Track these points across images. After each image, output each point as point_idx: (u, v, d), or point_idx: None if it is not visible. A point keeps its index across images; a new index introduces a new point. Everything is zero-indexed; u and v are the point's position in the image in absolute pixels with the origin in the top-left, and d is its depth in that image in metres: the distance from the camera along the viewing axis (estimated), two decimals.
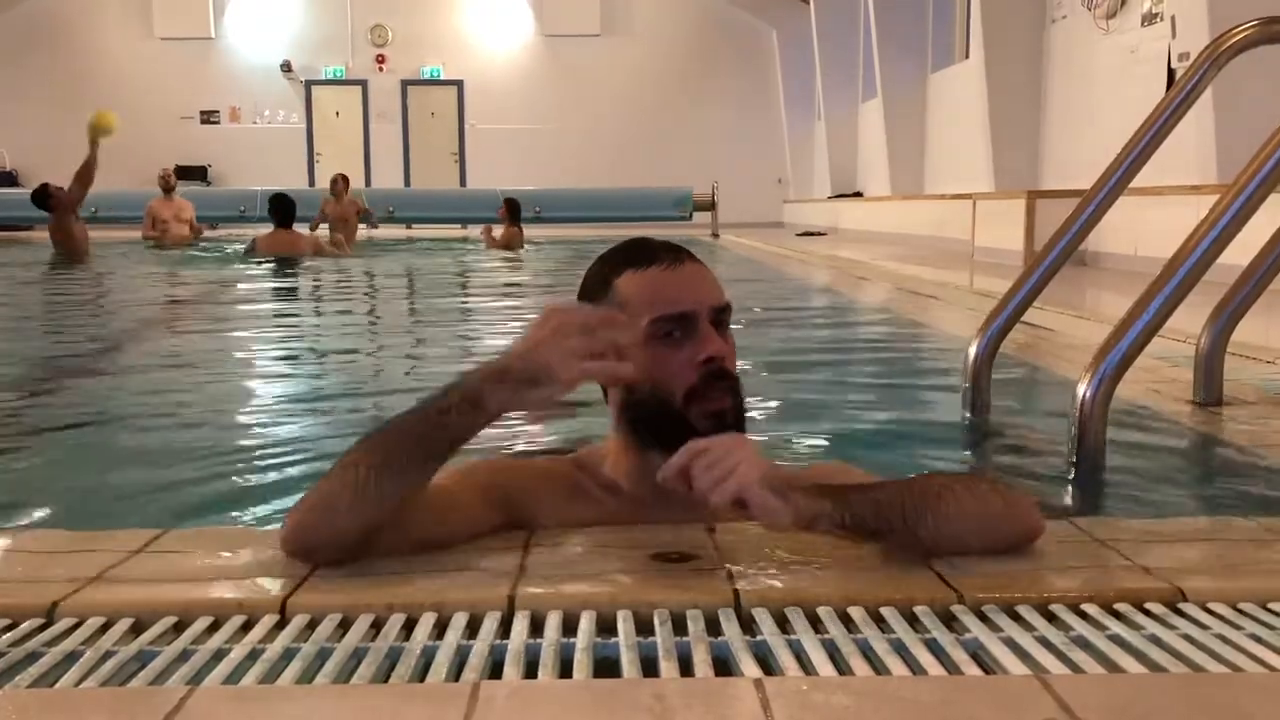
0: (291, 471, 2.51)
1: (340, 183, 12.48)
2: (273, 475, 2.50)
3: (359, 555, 1.35)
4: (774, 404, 3.25)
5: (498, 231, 12.09)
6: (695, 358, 1.45)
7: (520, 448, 2.58)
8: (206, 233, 12.22)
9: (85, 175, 10.17)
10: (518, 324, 5.93)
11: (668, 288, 1.48)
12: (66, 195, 10.09)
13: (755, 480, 1.31)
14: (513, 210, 12.31)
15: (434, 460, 1.36)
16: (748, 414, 1.51)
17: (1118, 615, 1.24)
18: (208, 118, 21.17)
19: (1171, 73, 8.31)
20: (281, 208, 10.38)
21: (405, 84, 21.27)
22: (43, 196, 10.13)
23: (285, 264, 9.73)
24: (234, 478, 2.49)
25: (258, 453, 2.75)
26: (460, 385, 1.35)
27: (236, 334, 5.66)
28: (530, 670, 1.11)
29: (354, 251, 11.40)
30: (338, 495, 1.33)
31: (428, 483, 1.38)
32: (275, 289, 8.33)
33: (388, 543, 1.37)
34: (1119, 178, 2.81)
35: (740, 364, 1.56)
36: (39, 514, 2.17)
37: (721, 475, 1.31)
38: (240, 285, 8.48)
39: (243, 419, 3.24)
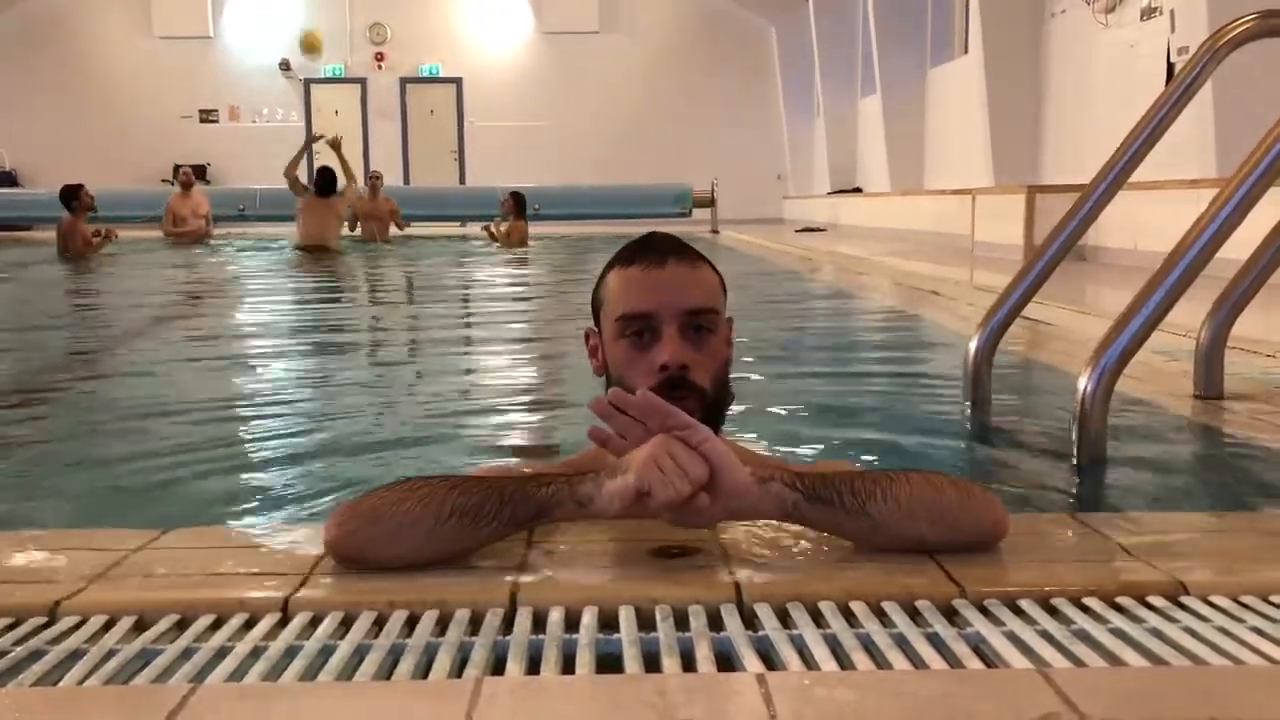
0: (296, 469, 2.52)
1: (376, 180, 13.30)
2: (277, 473, 2.51)
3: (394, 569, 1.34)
4: (773, 400, 3.25)
5: (502, 227, 12.12)
6: (654, 364, 1.47)
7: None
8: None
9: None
10: (525, 322, 5.94)
11: (637, 288, 1.51)
12: (90, 198, 10.86)
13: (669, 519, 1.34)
14: (518, 204, 12.27)
15: (515, 528, 1.36)
16: (723, 418, 1.53)
17: (1119, 609, 1.24)
18: (207, 116, 21.15)
19: (1170, 67, 8.30)
20: (323, 180, 11.12)
21: (404, 82, 21.25)
22: (74, 195, 10.67)
23: (295, 260, 9.86)
24: (236, 475, 2.49)
25: (261, 450, 2.75)
26: (577, 493, 1.33)
27: (240, 331, 5.66)
28: (533, 666, 1.11)
29: (380, 248, 11.98)
30: (411, 526, 1.31)
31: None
32: (280, 287, 8.33)
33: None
34: (1118, 172, 2.81)
35: (740, 361, 1.56)
36: (41, 513, 2.18)
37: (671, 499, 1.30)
38: (246, 283, 8.49)
39: (245, 417, 3.24)
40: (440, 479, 1.36)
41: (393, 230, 13.28)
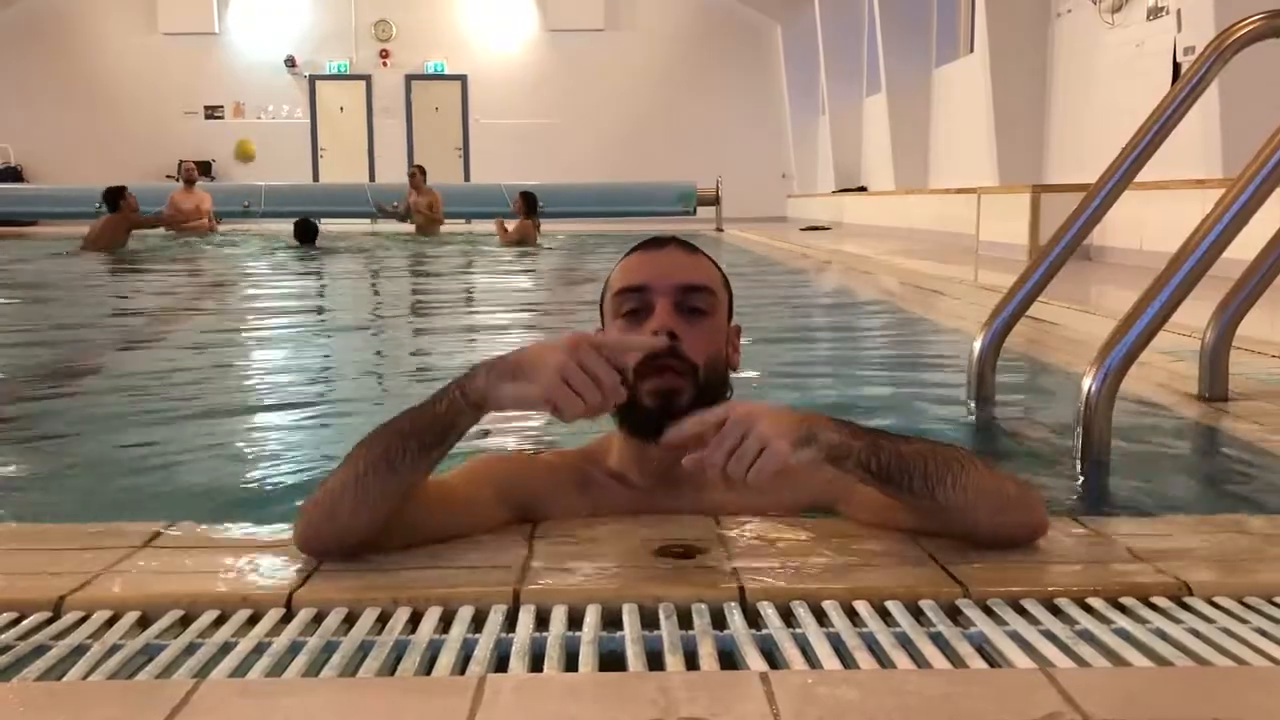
0: (298, 465, 2.52)
1: (418, 174, 13.85)
2: (279, 469, 2.51)
3: (370, 551, 1.36)
4: (775, 399, 3.25)
5: (510, 225, 12.18)
6: (646, 334, 1.47)
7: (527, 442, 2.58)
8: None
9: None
10: (530, 319, 5.93)
11: (634, 266, 1.55)
12: (134, 199, 11.14)
13: (788, 453, 1.29)
14: (528, 204, 12.38)
15: (430, 451, 1.35)
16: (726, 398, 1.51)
17: (1123, 609, 1.24)
18: (212, 113, 21.15)
19: (1177, 66, 8.28)
20: (304, 231, 11.56)
21: (409, 79, 21.25)
22: (119, 196, 11.02)
23: (300, 259, 9.87)
24: (240, 471, 2.49)
25: (266, 446, 2.76)
26: (458, 379, 1.36)
27: (247, 326, 5.66)
28: (536, 664, 1.12)
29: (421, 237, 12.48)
30: (340, 493, 1.34)
31: (427, 475, 1.38)
32: (285, 283, 8.33)
33: (400, 539, 1.38)
34: (1124, 172, 2.81)
35: (742, 359, 1.56)
36: (46, 508, 2.18)
37: (752, 459, 1.29)
38: (249, 279, 8.49)
39: (251, 412, 3.24)
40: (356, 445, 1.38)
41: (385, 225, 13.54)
